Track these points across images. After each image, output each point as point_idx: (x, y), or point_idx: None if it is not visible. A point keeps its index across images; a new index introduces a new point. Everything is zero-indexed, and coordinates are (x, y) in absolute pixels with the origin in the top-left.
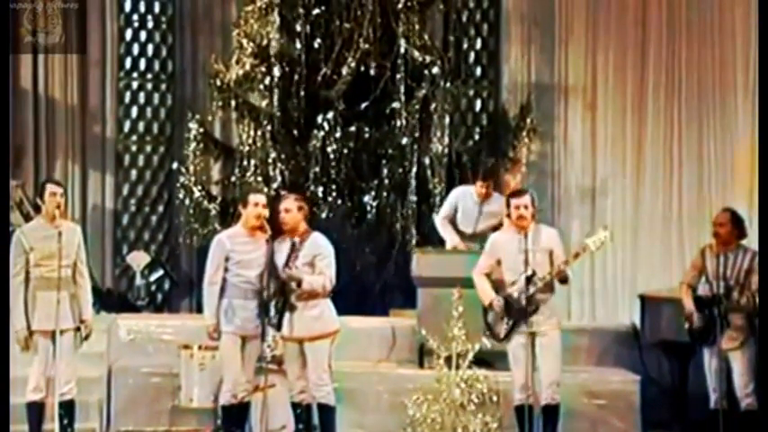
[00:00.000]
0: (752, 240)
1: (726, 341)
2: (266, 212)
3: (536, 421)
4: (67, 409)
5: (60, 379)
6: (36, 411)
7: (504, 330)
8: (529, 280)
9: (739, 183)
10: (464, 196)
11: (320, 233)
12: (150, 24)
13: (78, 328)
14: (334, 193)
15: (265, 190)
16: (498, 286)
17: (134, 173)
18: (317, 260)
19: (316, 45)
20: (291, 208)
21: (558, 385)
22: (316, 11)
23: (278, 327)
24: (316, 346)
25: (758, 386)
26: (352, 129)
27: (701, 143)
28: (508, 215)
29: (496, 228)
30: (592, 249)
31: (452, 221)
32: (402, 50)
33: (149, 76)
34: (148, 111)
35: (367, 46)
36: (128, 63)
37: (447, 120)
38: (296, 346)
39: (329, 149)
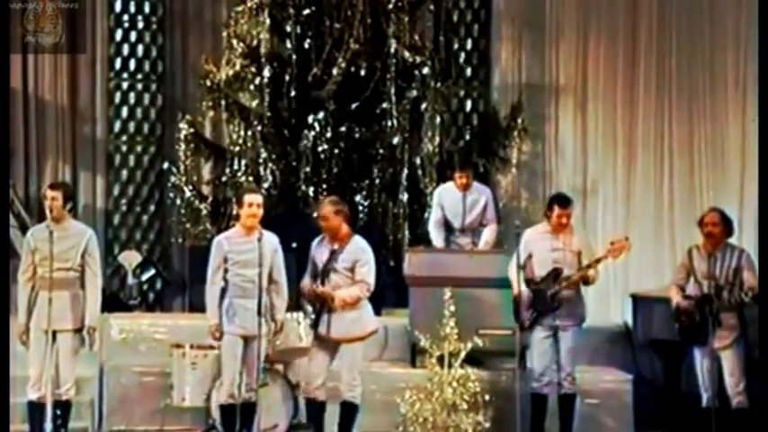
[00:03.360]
0: (745, 239)
1: (717, 340)
2: (260, 212)
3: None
4: (63, 409)
5: (57, 379)
6: (36, 410)
7: (527, 321)
8: (555, 277)
9: (730, 181)
10: (446, 193)
11: (361, 236)
12: (141, 25)
13: (77, 330)
14: (325, 193)
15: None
16: (529, 280)
17: (125, 173)
18: (357, 266)
19: (306, 45)
20: (328, 215)
21: (572, 377)
22: (306, 11)
23: (315, 325)
24: (352, 348)
25: (758, 384)
26: (343, 129)
27: (692, 142)
28: (547, 216)
29: (482, 222)
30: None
31: (444, 223)
32: (392, 51)
33: (140, 76)
34: (139, 111)
35: (357, 46)
36: (118, 63)
37: (438, 120)
38: (328, 344)
39: (320, 149)
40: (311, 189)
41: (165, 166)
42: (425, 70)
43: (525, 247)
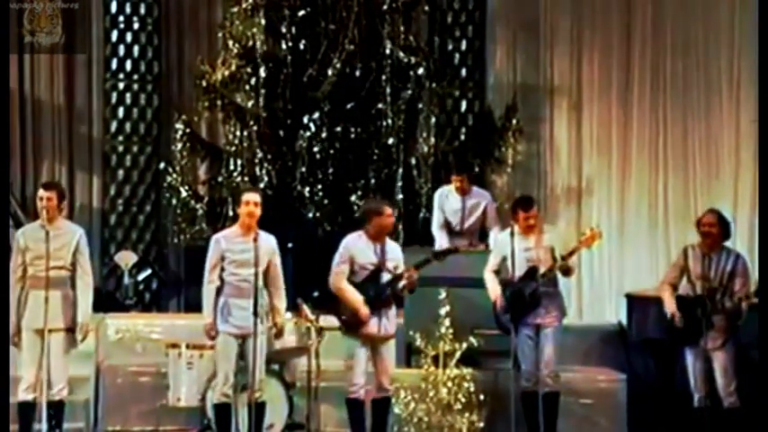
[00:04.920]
0: (739, 241)
1: (709, 341)
2: (258, 211)
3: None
4: (57, 409)
5: (50, 379)
6: (27, 411)
7: (509, 324)
8: (532, 276)
9: (724, 182)
10: (446, 196)
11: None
12: (136, 26)
13: (69, 330)
14: (320, 193)
15: None
16: (507, 282)
17: (121, 173)
18: (399, 262)
19: (301, 46)
20: (392, 216)
21: (556, 375)
22: (301, 12)
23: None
24: (391, 343)
25: (750, 385)
26: (339, 129)
27: (686, 142)
28: (515, 219)
29: (483, 226)
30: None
31: (446, 224)
32: (387, 51)
33: (136, 76)
34: (135, 111)
35: (352, 47)
36: (114, 64)
37: (433, 120)
38: (368, 343)
39: (315, 150)
40: (307, 189)
41: (162, 166)
42: (420, 71)
43: (498, 251)
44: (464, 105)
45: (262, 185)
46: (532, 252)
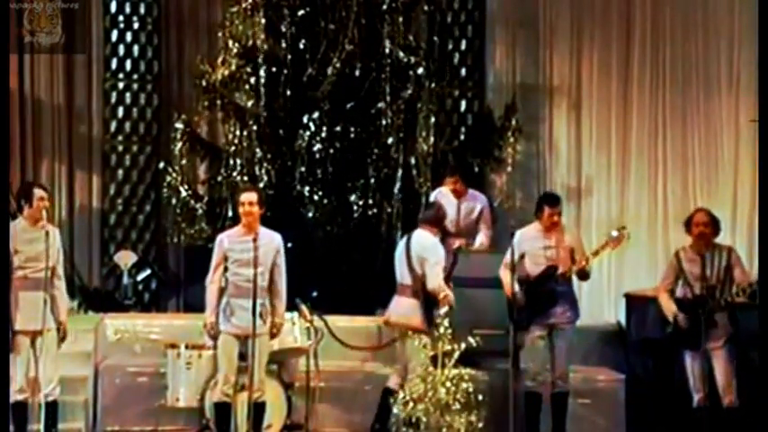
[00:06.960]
0: (738, 239)
1: (710, 341)
2: (255, 210)
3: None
4: (51, 409)
5: (44, 379)
6: (21, 412)
7: (524, 321)
8: (551, 275)
9: (724, 180)
10: (442, 197)
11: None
12: (136, 25)
13: (57, 330)
14: (320, 193)
15: None
16: (523, 280)
17: (121, 173)
18: None
19: (301, 46)
20: None
21: (567, 375)
22: (301, 12)
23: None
24: None
25: (749, 384)
26: (338, 128)
27: (686, 142)
28: (538, 216)
29: (477, 223)
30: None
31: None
32: (387, 51)
33: (135, 76)
34: (135, 111)
35: (352, 47)
36: (114, 63)
37: (432, 120)
38: None
39: (315, 149)
40: (306, 188)
41: (161, 165)
42: (420, 70)
43: (518, 248)
44: (463, 105)
45: (261, 185)
46: (553, 251)
